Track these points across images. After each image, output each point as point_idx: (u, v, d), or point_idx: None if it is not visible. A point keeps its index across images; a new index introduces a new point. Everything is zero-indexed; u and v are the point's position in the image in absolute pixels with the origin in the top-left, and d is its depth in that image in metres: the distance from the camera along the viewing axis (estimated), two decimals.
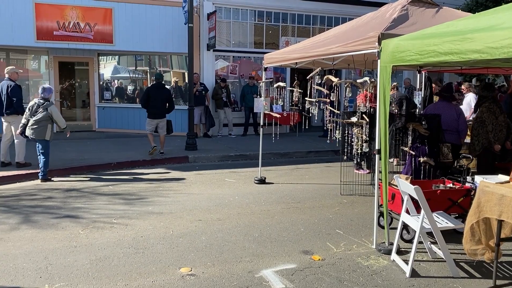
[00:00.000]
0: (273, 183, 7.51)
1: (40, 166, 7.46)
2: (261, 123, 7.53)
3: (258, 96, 8.09)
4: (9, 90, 7.90)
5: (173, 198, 6.42)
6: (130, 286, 3.62)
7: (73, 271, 3.89)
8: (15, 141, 8.05)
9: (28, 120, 7.40)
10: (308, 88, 6.24)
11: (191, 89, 10.56)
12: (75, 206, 5.95)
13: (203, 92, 12.26)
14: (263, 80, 7.53)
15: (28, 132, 7.40)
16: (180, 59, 13.76)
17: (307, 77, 6.37)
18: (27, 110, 7.48)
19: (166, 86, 12.88)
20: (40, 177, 7.50)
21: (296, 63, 6.70)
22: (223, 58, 13.49)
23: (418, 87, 9.00)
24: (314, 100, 6.22)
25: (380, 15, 5.61)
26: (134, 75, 14.14)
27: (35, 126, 7.31)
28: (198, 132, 12.27)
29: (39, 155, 7.45)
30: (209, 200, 6.33)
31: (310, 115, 6.85)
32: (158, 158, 9.32)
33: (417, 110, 7.99)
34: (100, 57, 13.27)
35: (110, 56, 13.83)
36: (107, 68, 13.88)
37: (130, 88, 14.25)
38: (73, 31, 11.54)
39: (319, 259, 4.28)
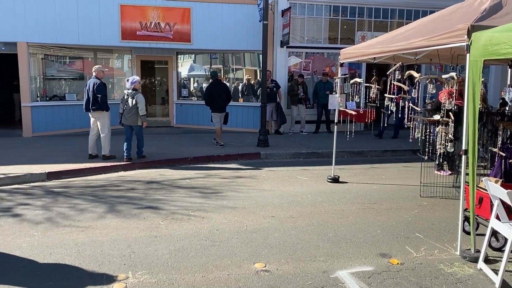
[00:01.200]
0: (347, 182, 7.33)
1: (137, 146, 8.68)
2: (336, 120, 7.37)
3: (334, 93, 7.94)
4: (95, 88, 8.47)
5: (246, 194, 6.50)
6: (207, 278, 3.71)
7: (154, 260, 4.07)
8: (101, 135, 8.63)
9: (123, 110, 8.49)
10: (388, 84, 5.98)
11: (264, 86, 10.62)
12: (155, 198, 6.24)
13: (275, 89, 12.29)
14: (339, 76, 7.36)
15: (123, 120, 8.51)
16: (252, 56, 13.91)
17: (387, 73, 6.11)
18: (120, 101, 8.61)
19: (239, 83, 13.13)
20: (137, 155, 8.73)
21: (375, 58, 6.47)
22: (295, 55, 13.41)
23: (509, 83, 8.28)
24: (393, 96, 5.96)
25: (466, 5, 5.22)
26: (207, 73, 14.53)
27: (128, 115, 8.44)
28: (270, 129, 12.33)
29: (137, 138, 8.63)
30: (282, 197, 6.33)
31: (389, 112, 6.57)
32: (231, 153, 9.50)
33: (507, 108, 7.37)
34: (178, 56, 13.81)
35: (187, 55, 14.34)
36: (184, 67, 14.40)
37: (205, 86, 14.67)
38: (154, 31, 12.12)
39: (398, 263, 4.09)
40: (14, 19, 10.98)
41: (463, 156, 4.22)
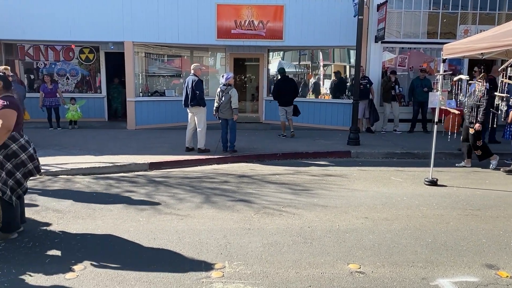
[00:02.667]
0: (446, 186, 6.89)
1: (229, 140, 9.05)
2: (436, 119, 6.95)
3: (434, 90, 7.49)
4: (193, 84, 8.90)
5: (337, 193, 6.40)
6: (301, 275, 3.73)
7: (248, 252, 4.19)
8: (198, 129, 9.07)
9: (219, 105, 8.94)
10: (499, 81, 5.50)
11: (357, 83, 10.35)
12: (247, 191, 6.41)
13: (368, 85, 11.92)
14: (441, 73, 6.92)
15: (220, 114, 8.99)
16: (342, 52, 13.64)
17: (499, 69, 5.62)
18: (216, 96, 9.02)
19: (326, 80, 12.97)
20: (228, 148, 9.07)
21: (483, 53, 5.98)
22: (389, 50, 12.87)
23: None
24: (504, 95, 5.47)
25: None
26: (298, 70, 14.54)
27: (224, 109, 8.93)
28: (361, 127, 12.00)
29: (228, 132, 9.05)
30: (375, 198, 6.13)
31: (499, 112, 6.04)
32: (320, 151, 9.42)
33: None
34: (269, 53, 14.00)
35: (276, 52, 14.47)
36: (273, 64, 14.56)
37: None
38: (248, 29, 12.41)
39: (507, 276, 3.76)
40: (122, 20, 11.94)
41: None
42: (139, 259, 4.02)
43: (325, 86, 13.79)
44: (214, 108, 9.12)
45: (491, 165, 8.13)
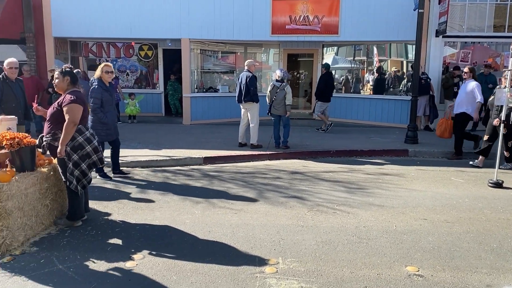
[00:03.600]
0: None
1: (283, 135, 9.10)
2: (502, 118, 6.54)
3: (501, 87, 7.05)
4: (247, 80, 8.96)
5: (394, 192, 6.20)
6: (356, 275, 3.65)
7: (302, 249, 4.16)
8: (251, 125, 9.13)
9: (272, 101, 9.00)
10: None
11: (416, 78, 9.95)
12: (300, 188, 6.37)
13: (428, 79, 11.44)
14: (509, 68, 6.49)
15: (273, 110, 9.02)
16: (399, 47, 13.18)
17: None
18: (268, 93, 9.10)
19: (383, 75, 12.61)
20: (281, 144, 9.12)
21: None
22: (450, 45, 12.27)
23: None
24: None
25: None
26: (352, 65, 14.23)
27: (278, 105, 8.97)
28: (419, 125, 11.54)
29: (282, 128, 9.12)
30: (434, 199, 5.88)
31: None
32: (376, 149, 9.17)
33: None
34: (323, 48, 13.80)
35: (329, 47, 14.23)
36: (326, 59, 14.32)
37: (349, 78, 14.41)
38: (303, 24, 12.30)
39: None
40: (180, 18, 12.25)
41: None
42: (195, 251, 4.11)
43: (381, 82, 13.40)
44: (268, 104, 9.16)
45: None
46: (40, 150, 4.68)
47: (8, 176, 4.11)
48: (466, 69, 8.48)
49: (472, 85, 8.25)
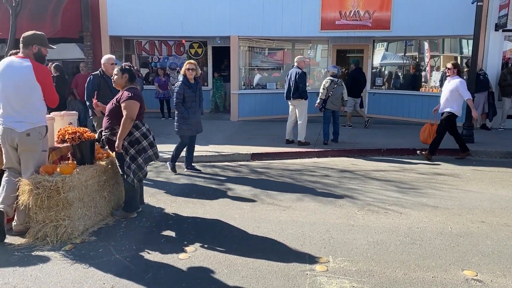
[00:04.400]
0: None
1: (335, 130, 9.35)
2: None
3: None
4: (296, 77, 8.91)
5: (448, 193, 5.97)
6: (410, 277, 3.56)
7: (353, 249, 4.11)
8: (299, 122, 9.09)
9: (327, 96, 9.09)
10: None
11: (474, 75, 9.50)
12: (349, 187, 6.28)
13: (487, 75, 10.88)
14: None
15: (330, 105, 9.12)
16: (453, 41, 12.62)
17: None
18: (321, 89, 9.20)
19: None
20: (333, 138, 9.34)
21: None
22: (510, 39, 11.59)
23: None
24: None
25: None
26: (404, 61, 13.79)
27: (336, 101, 9.16)
28: (475, 123, 11.02)
29: (335, 123, 9.36)
30: (492, 201, 5.60)
31: None
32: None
33: None
34: (374, 44, 13.49)
35: (379, 43, 13.86)
36: (377, 55, 13.99)
37: (399, 74, 14.00)
38: (353, 19, 12.07)
39: None
40: (229, 15, 12.38)
41: None
42: (245, 246, 4.16)
43: (433, 79, 12.91)
44: (320, 100, 9.19)
45: None
46: (99, 144, 4.90)
47: (70, 169, 4.34)
48: (449, 65, 8.02)
49: (455, 82, 7.82)
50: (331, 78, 9.19)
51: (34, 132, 4.27)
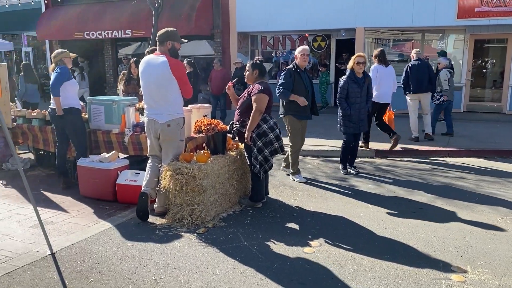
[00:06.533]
0: None
1: (449, 125, 9.10)
2: None
3: None
4: (430, 70, 8.58)
5: None
6: None
7: (495, 260, 3.69)
8: (424, 115, 8.89)
9: (449, 87, 8.95)
10: None
11: None
12: (489, 191, 5.67)
13: None
14: None
15: (450, 96, 8.99)
16: None
17: None
18: (442, 80, 8.91)
19: None
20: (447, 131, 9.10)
21: None
22: None
23: None
24: None
25: None
26: None
27: (451, 92, 9.03)
28: None
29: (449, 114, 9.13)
30: None
31: None
32: None
33: None
34: None
35: None
36: None
37: None
38: (496, 5, 10.81)
39: None
40: (354, 6, 12.03)
41: None
42: (372, 246, 4.02)
43: None
44: (446, 91, 8.98)
45: None
46: (230, 135, 5.16)
47: (205, 158, 4.64)
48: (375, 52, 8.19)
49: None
50: (449, 69, 9.09)
51: (173, 123, 4.65)
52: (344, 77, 6.39)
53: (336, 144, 8.40)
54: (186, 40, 4.90)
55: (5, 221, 4.71)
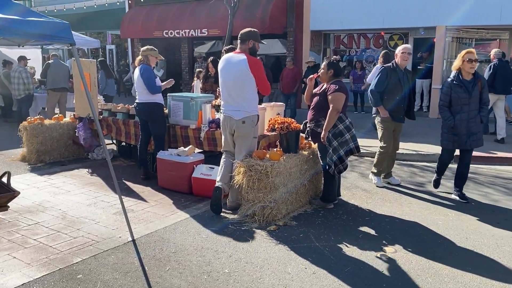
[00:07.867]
0: None
1: None
2: None
3: None
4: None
5: None
6: None
7: None
8: (499, 118, 8.54)
9: None
10: None
11: None
12: None
13: None
14: None
15: None
16: None
17: None
18: None
19: None
20: None
21: None
22: None
23: None
24: None
25: None
26: None
27: None
28: None
29: None
30: None
31: None
32: None
33: None
34: None
35: None
36: None
37: None
38: None
39: None
40: (435, 4, 11.43)
41: None
42: (451, 256, 3.81)
43: None
44: None
45: None
46: (304, 135, 5.14)
47: (278, 156, 4.67)
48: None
49: None
50: None
51: (248, 120, 4.73)
52: (448, 80, 5.31)
53: (413, 147, 8.08)
54: (265, 42, 4.96)
55: (92, 207, 5.07)
